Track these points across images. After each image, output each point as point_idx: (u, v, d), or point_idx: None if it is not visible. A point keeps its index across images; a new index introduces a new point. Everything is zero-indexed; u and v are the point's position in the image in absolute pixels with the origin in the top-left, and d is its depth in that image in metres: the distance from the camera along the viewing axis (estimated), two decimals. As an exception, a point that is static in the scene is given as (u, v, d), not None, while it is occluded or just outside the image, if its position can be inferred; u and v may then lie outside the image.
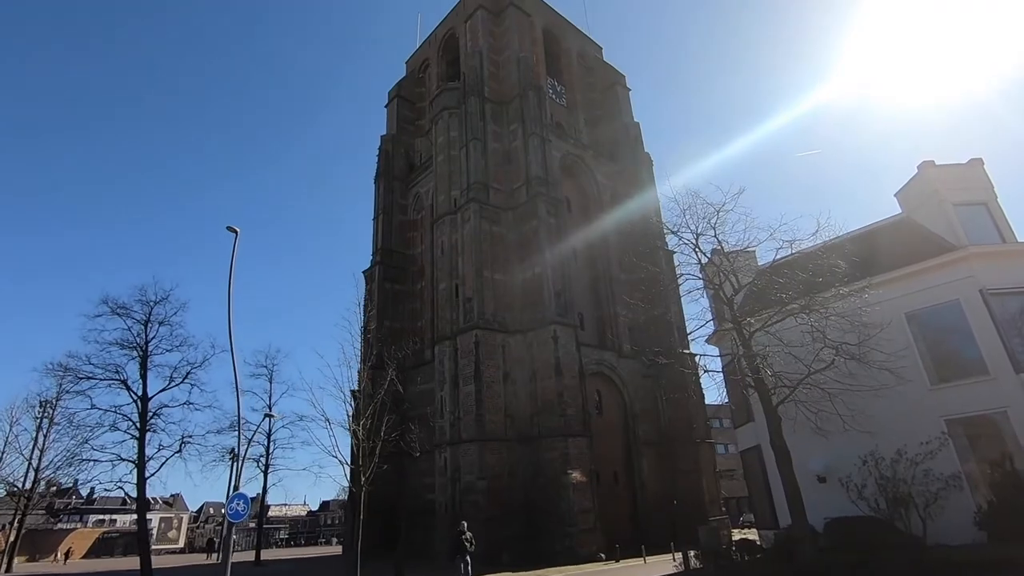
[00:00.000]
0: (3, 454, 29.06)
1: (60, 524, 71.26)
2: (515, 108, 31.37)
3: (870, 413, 13.53)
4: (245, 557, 47.60)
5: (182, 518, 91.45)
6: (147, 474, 18.27)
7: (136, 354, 19.07)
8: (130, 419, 18.42)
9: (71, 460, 19.15)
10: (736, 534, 29.97)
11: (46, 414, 28.49)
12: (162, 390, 19.31)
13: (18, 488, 28.49)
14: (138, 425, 18.38)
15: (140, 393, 18.82)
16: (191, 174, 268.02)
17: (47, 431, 27.28)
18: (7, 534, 34.44)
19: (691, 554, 15.10)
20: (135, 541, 79.54)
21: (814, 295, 13.17)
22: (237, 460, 11.71)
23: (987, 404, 13.88)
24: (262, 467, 27.45)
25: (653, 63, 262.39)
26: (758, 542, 17.45)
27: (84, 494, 73.76)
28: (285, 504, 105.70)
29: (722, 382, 20.49)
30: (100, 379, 18.32)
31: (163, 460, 18.92)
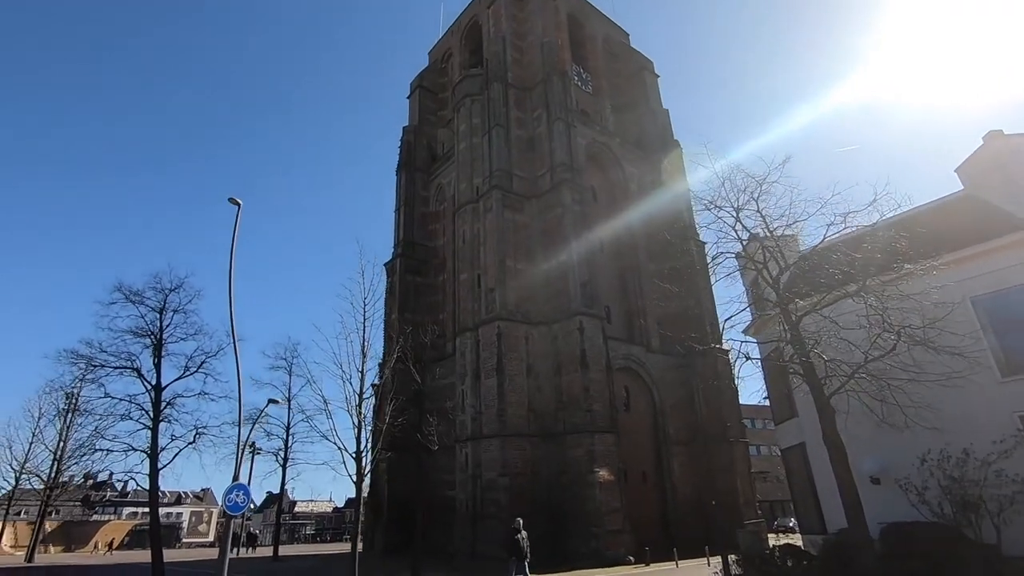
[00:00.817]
0: (31, 444, 29.41)
1: (95, 516, 72.98)
2: (539, 94, 30.32)
3: (936, 407, 12.07)
4: (269, 552, 47.65)
5: (212, 512, 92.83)
6: (160, 465, 17.77)
7: (150, 342, 18.64)
8: (143, 408, 17.99)
9: (84, 450, 18.81)
10: (772, 539, 28.41)
11: (71, 405, 28.54)
12: (176, 379, 18.85)
13: (42, 479, 28.60)
14: (151, 415, 17.91)
15: (154, 382, 18.36)
16: (205, 178, 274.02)
17: (69, 421, 27.25)
18: (34, 525, 34.91)
19: (731, 559, 13.82)
20: (167, 533, 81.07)
21: (873, 276, 11.81)
22: (238, 446, 10.91)
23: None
24: (280, 461, 26.97)
25: (679, 56, 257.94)
26: (803, 548, 16.08)
27: (119, 487, 75.49)
28: (312, 500, 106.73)
29: (759, 377, 19.09)
30: (113, 367, 17.95)
31: (176, 451, 18.44)
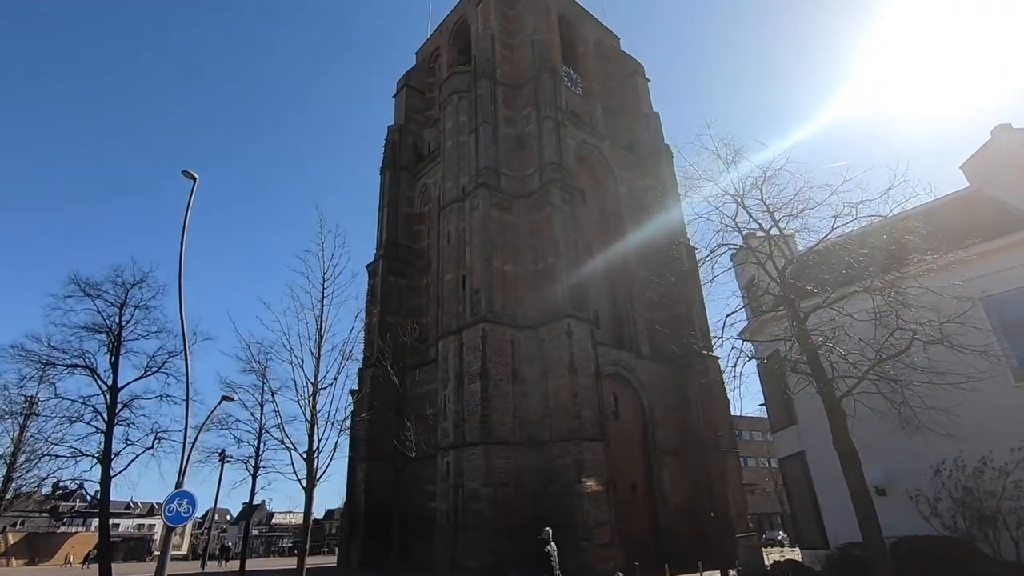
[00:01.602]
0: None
1: (63, 527, 69.97)
2: (529, 91, 29.56)
3: (953, 412, 11.22)
4: (263, 564, 45.76)
5: (186, 525, 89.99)
6: (112, 472, 16.38)
7: (107, 339, 17.30)
8: (97, 410, 16.61)
9: (32, 455, 17.35)
10: (765, 553, 27.52)
11: (30, 409, 26.84)
12: (135, 380, 17.52)
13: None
14: (105, 417, 16.54)
15: (110, 382, 17.01)
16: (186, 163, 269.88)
17: (25, 425, 25.57)
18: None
19: (731, 574, 12.82)
20: (138, 546, 77.69)
21: (884, 271, 11.02)
22: (183, 449, 9.69)
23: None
24: (251, 469, 25.52)
25: (671, 62, 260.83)
26: (804, 564, 15.14)
27: (88, 498, 72.62)
28: (290, 511, 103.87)
29: (752, 383, 18.15)
30: (65, 365, 16.57)
31: (133, 456, 17.06)
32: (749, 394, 44.13)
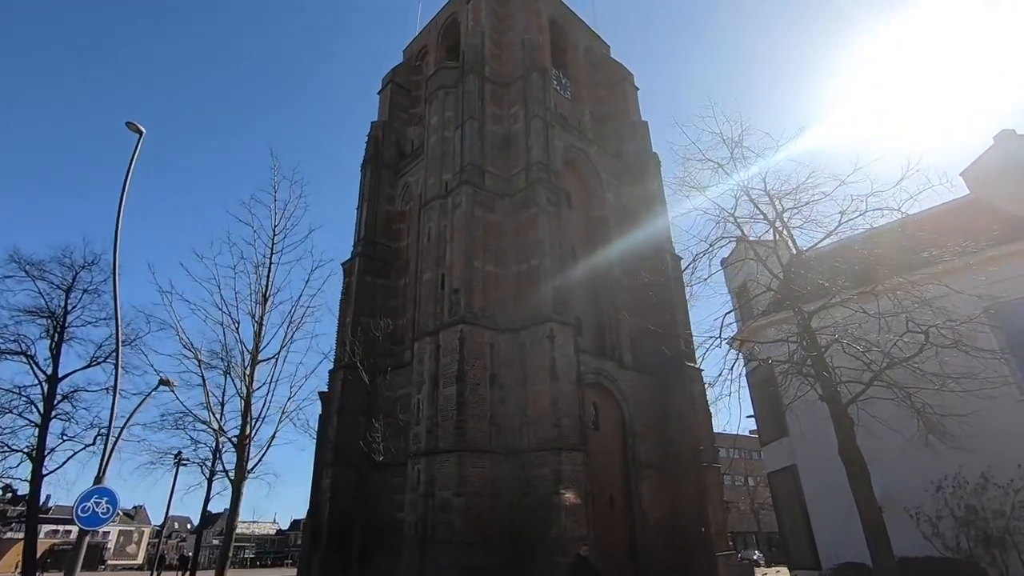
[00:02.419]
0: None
1: (9, 533, 66.19)
2: (517, 90, 28.84)
3: (966, 422, 10.48)
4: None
5: (144, 531, 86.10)
6: (46, 470, 14.84)
7: (50, 325, 15.78)
8: (32, 401, 15.07)
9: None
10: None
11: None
12: (78, 370, 16.01)
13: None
14: (41, 409, 15.01)
15: (49, 372, 15.49)
16: (163, 153, 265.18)
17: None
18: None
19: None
20: (90, 554, 74.05)
21: (894, 274, 10.31)
22: (107, 440, 8.41)
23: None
24: (206, 474, 23.86)
25: (661, 73, 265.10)
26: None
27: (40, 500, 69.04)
28: (254, 521, 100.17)
29: (739, 395, 17.39)
30: (-5, 350, 15.02)
31: (71, 453, 15.51)
32: (734, 406, 43.56)
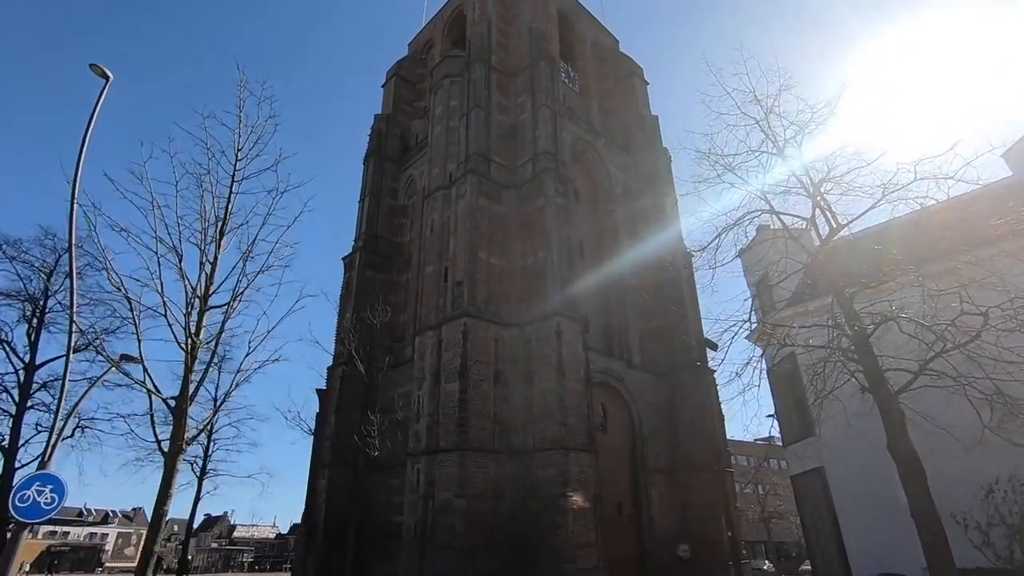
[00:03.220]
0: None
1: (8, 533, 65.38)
2: (524, 79, 27.96)
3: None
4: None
5: (142, 534, 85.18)
6: (19, 463, 13.89)
7: (28, 310, 14.84)
8: (7, 390, 14.13)
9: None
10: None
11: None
12: (58, 357, 15.07)
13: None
14: (16, 399, 14.07)
15: (27, 360, 14.56)
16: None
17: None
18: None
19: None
20: (88, 556, 72.63)
21: (943, 256, 9.32)
22: (53, 423, 7.45)
23: None
24: (197, 472, 22.87)
25: (670, 67, 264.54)
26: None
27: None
28: (253, 525, 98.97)
29: (757, 393, 16.31)
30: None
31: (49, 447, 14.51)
32: (751, 407, 42.03)
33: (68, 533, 79.55)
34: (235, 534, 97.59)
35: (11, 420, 14.16)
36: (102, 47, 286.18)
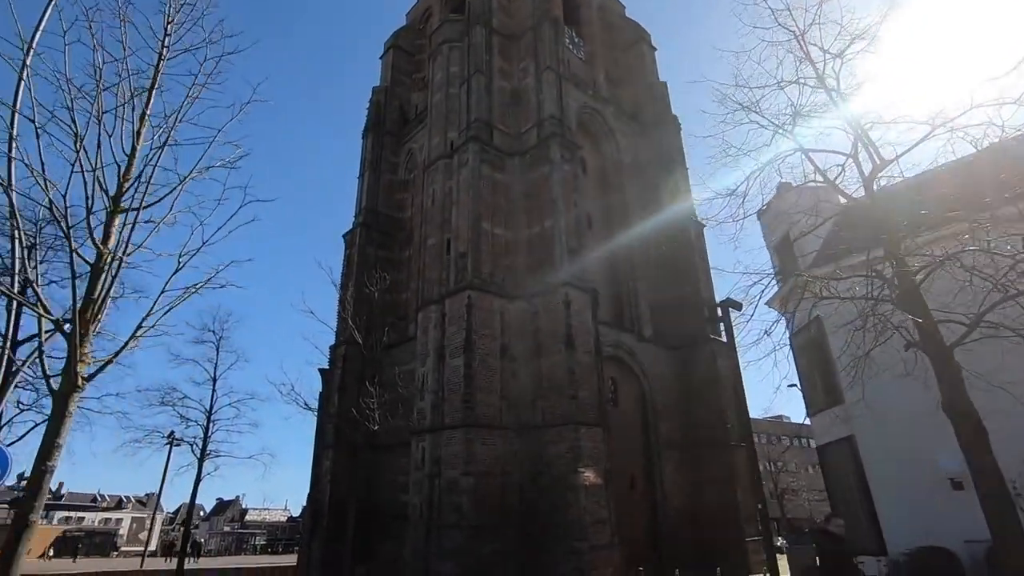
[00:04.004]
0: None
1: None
2: (527, 43, 26.73)
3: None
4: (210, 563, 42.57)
5: (158, 519, 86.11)
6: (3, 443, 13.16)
7: (10, 282, 14.03)
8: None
9: None
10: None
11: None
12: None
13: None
14: (-5, 377, 13.33)
15: (9, 335, 13.85)
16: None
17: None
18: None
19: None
20: (103, 541, 73.31)
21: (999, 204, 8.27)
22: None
23: None
24: (197, 453, 22.32)
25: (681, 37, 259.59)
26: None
27: (53, 488, 68.88)
28: (265, 508, 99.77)
29: (774, 359, 15.45)
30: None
31: (32, 425, 13.93)
32: (769, 378, 41.18)
33: (83, 518, 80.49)
34: (247, 518, 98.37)
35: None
36: None
